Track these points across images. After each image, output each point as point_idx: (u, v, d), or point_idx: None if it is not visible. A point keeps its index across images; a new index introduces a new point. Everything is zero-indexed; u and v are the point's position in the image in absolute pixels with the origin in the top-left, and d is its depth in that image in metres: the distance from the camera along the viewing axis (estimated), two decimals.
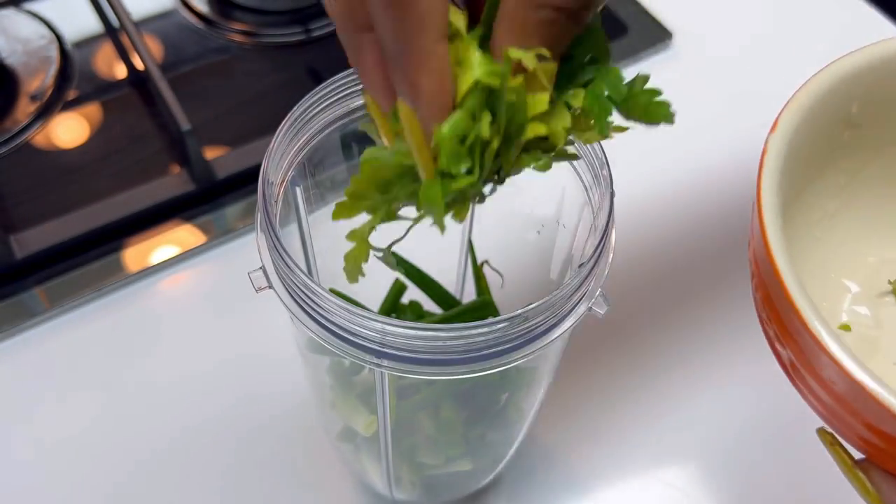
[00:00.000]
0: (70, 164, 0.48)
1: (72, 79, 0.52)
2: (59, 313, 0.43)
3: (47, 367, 0.42)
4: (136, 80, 0.53)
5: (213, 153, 0.49)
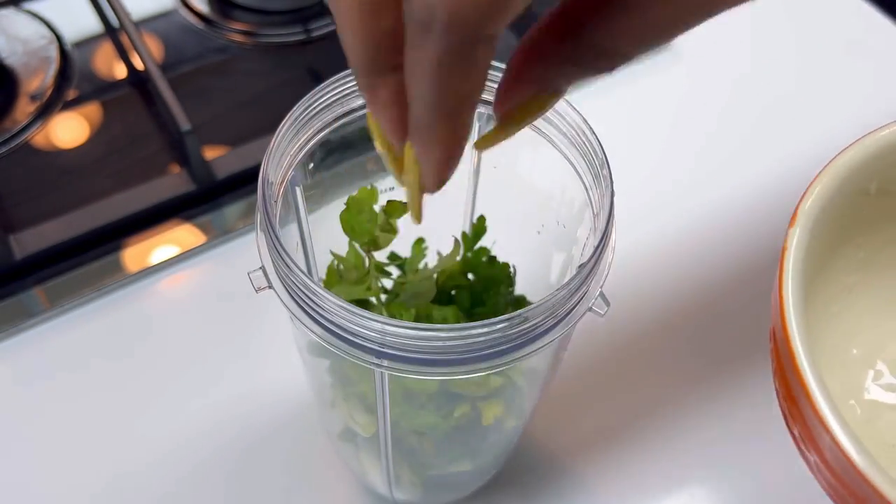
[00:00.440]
0: (70, 164, 0.48)
1: (71, 79, 0.52)
2: (59, 313, 0.43)
3: (47, 367, 0.42)
4: (136, 80, 0.53)
5: (212, 153, 0.49)
